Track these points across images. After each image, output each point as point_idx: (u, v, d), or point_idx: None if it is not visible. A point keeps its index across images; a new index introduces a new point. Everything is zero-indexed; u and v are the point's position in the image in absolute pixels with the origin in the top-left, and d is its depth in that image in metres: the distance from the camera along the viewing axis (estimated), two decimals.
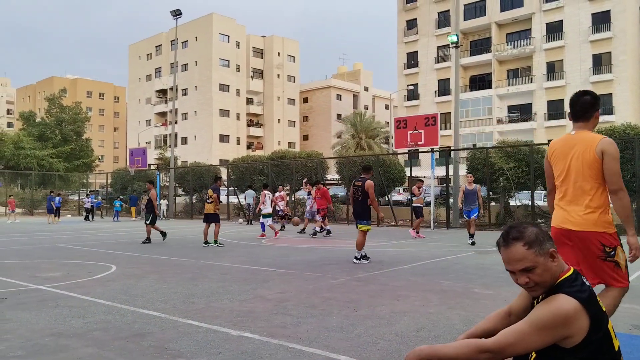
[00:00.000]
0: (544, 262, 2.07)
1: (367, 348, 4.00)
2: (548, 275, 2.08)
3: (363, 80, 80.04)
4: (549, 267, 2.08)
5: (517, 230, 2.13)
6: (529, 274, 2.09)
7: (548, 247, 2.09)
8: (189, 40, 67.09)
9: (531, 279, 2.09)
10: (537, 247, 2.07)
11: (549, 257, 2.08)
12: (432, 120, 18.93)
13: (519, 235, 2.10)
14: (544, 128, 44.46)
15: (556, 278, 2.09)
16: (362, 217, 9.25)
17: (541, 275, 2.08)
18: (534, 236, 2.09)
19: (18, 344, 4.14)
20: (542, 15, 45.09)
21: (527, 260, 2.07)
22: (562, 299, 1.98)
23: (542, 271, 2.07)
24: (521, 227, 2.14)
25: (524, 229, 2.12)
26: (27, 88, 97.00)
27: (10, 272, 8.17)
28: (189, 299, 5.94)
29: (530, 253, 2.07)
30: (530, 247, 2.07)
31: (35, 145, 48.70)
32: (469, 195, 12.63)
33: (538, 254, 2.07)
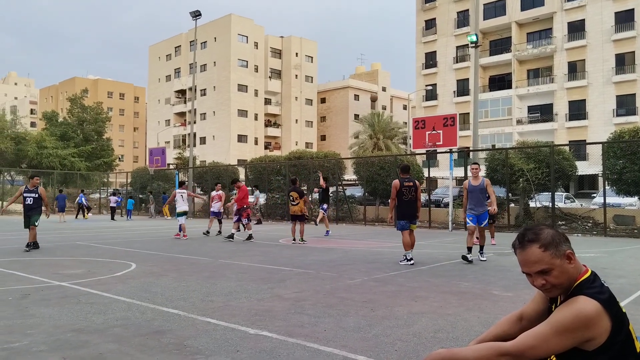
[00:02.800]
0: (561, 264, 2.05)
1: (384, 348, 4.00)
2: (565, 277, 2.06)
3: (381, 81, 79.80)
4: (565, 269, 2.05)
5: (533, 232, 2.11)
6: (545, 276, 2.07)
7: (565, 249, 2.06)
8: (207, 40, 67.64)
9: (548, 281, 2.07)
10: (553, 249, 2.05)
11: (565, 259, 2.06)
12: (450, 121, 18.79)
13: (535, 237, 2.08)
14: (565, 129, 43.83)
15: (574, 280, 2.07)
16: (415, 216, 9.53)
17: (558, 278, 2.06)
18: (550, 238, 2.07)
19: (41, 338, 4.22)
20: (563, 14, 44.44)
21: (543, 262, 2.05)
22: (583, 301, 1.95)
23: (559, 273, 2.05)
24: (537, 229, 2.12)
25: (540, 231, 2.10)
26: (50, 88, 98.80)
27: (33, 268, 8.33)
28: (208, 297, 5.99)
29: (546, 255, 2.05)
30: (547, 249, 2.05)
31: (57, 144, 49.49)
32: (474, 193, 9.62)
33: (554, 256, 2.05)
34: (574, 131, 43.22)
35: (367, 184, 23.26)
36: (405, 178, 9.47)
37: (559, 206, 19.05)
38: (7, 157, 48.29)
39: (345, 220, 23.14)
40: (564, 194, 24.29)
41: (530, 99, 46.88)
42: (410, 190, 9.34)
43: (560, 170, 18.54)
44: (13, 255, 10.21)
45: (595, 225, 17.39)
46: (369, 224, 21.77)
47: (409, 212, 9.35)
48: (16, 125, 54.34)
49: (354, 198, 25.75)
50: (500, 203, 19.61)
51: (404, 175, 9.57)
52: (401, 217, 9.34)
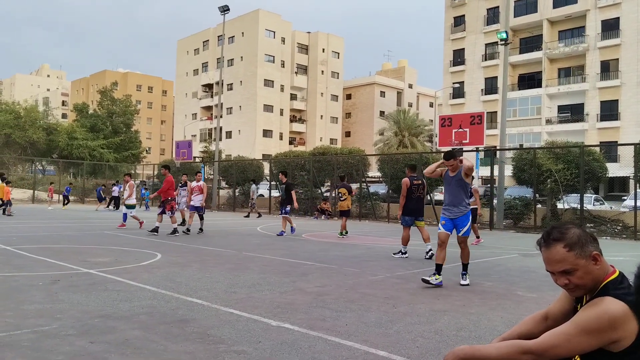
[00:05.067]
0: (585, 264, 2.01)
1: (405, 345, 3.99)
2: (589, 278, 2.02)
3: (407, 78, 79.17)
4: (590, 270, 2.01)
5: (558, 230, 2.07)
6: (568, 276, 2.04)
7: (591, 250, 2.02)
8: (235, 35, 68.11)
9: (571, 281, 2.04)
10: (578, 249, 2.01)
11: (591, 260, 2.02)
12: (478, 119, 18.54)
13: (561, 236, 2.05)
14: (596, 129, 42.83)
15: (600, 281, 2.03)
16: (422, 213, 10.04)
17: (581, 278, 2.02)
18: (575, 238, 2.03)
19: (70, 323, 4.34)
20: (597, 12, 43.35)
21: (567, 262, 2.02)
22: (609, 302, 1.91)
23: (583, 274, 2.02)
24: (563, 227, 2.08)
25: (566, 230, 2.06)
26: (81, 81, 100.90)
27: (62, 256, 8.55)
28: (231, 289, 6.07)
29: (570, 255, 2.01)
30: (571, 249, 2.02)
31: (87, 136, 50.64)
32: (450, 186, 6.99)
33: (579, 257, 2.01)
34: (606, 132, 42.18)
35: (391, 181, 23.14)
36: (414, 176, 9.83)
37: (587, 208, 18.63)
38: (39, 147, 49.63)
39: (368, 217, 23.09)
40: (593, 196, 23.75)
41: (560, 98, 45.91)
42: (418, 188, 9.75)
43: (590, 171, 18.12)
44: (43, 243, 10.50)
45: (625, 228, 16.97)
46: (392, 221, 21.67)
47: (416, 209, 9.75)
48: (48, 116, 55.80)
49: (377, 195, 25.65)
50: (527, 203, 19.33)
51: (412, 173, 9.92)
52: (408, 214, 9.69)
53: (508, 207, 19.44)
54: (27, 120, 49.07)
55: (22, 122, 48.66)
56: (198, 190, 14.16)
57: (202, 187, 14.22)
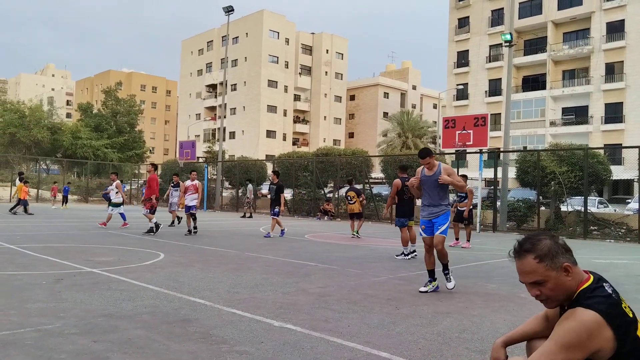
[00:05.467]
0: (556, 276, 2.01)
1: (408, 346, 3.99)
2: (561, 290, 2.02)
3: (411, 79, 79.11)
4: (561, 281, 2.01)
5: (530, 241, 2.07)
6: (540, 287, 2.04)
7: (562, 262, 2.01)
8: (239, 36, 68.20)
9: (542, 293, 2.05)
10: (548, 261, 2.01)
11: (562, 271, 2.01)
12: (481, 121, 18.50)
13: (531, 247, 2.05)
14: (600, 132, 42.68)
15: (573, 291, 2.02)
16: (413, 214, 10.12)
17: (552, 290, 2.02)
18: (546, 249, 2.02)
19: (73, 322, 4.36)
20: (602, 14, 43.22)
21: (537, 273, 2.02)
22: (580, 313, 1.91)
23: (554, 285, 2.01)
24: (535, 238, 2.08)
25: (537, 242, 2.05)
26: (86, 80, 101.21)
27: (66, 255, 8.58)
28: (233, 289, 6.08)
29: (540, 267, 2.01)
30: (541, 261, 2.01)
31: (91, 135, 50.76)
32: (428, 185, 6.38)
33: (549, 268, 2.01)
34: (610, 134, 42.04)
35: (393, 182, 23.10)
36: (405, 177, 9.98)
37: (591, 211, 18.57)
38: (43, 146, 49.80)
39: (371, 219, 23.08)
40: (597, 199, 23.67)
41: (564, 100, 45.80)
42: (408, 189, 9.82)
43: (594, 174, 18.05)
44: (47, 242, 10.53)
45: (629, 231, 16.90)
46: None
47: (408, 210, 9.97)
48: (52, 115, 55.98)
49: (380, 196, 25.62)
50: (530, 206, 19.28)
51: (403, 174, 10.15)
52: (401, 215, 9.95)
53: (511, 209, 19.40)
54: (31, 120, 49.25)
55: (27, 122, 48.84)
56: (193, 189, 13.62)
57: (196, 186, 13.69)
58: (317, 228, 17.61)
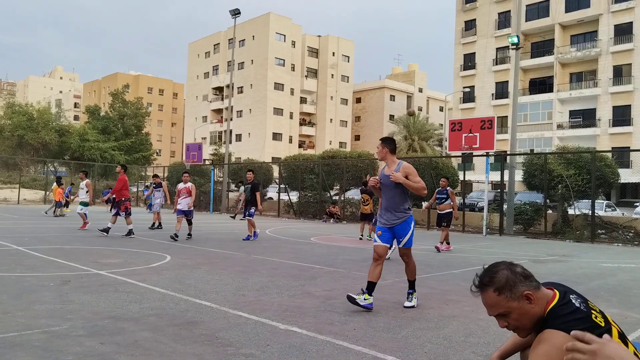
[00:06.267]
0: (519, 306, 2.00)
1: (414, 350, 3.98)
2: (526, 318, 2.01)
3: (417, 82, 79.02)
4: (525, 310, 2.00)
5: (488, 275, 2.07)
6: (506, 319, 2.04)
7: (522, 290, 2.00)
8: (246, 39, 68.41)
9: (510, 323, 2.05)
10: (507, 292, 2.00)
11: (524, 300, 2.00)
12: (488, 124, 18.45)
13: (490, 280, 2.05)
14: (608, 135, 42.43)
15: (540, 315, 2.01)
16: None
17: (518, 320, 2.02)
18: (504, 281, 2.02)
19: (80, 324, 4.38)
20: (610, 16, 43.01)
21: (499, 306, 2.02)
22: (548, 336, 1.91)
23: (518, 315, 2.01)
24: (492, 271, 2.07)
25: (495, 274, 2.05)
26: (93, 83, 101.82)
27: (73, 256, 8.62)
28: (239, 292, 6.09)
29: (501, 299, 2.01)
30: (501, 293, 2.01)
31: (99, 137, 51.02)
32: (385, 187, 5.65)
33: (510, 299, 2.00)
34: (618, 137, 41.78)
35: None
36: None
37: (599, 214, 18.45)
38: (51, 148, 50.13)
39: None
40: (605, 202, 23.52)
41: (572, 103, 45.58)
42: None
43: (602, 177, 17.95)
44: (54, 243, 10.59)
45: (637, 235, 16.78)
46: None
47: None
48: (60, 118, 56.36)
49: None
50: (537, 209, 19.18)
51: None
52: None
53: (518, 212, 19.31)
54: (39, 122, 49.60)
55: (35, 124, 49.18)
56: (186, 192, 12.82)
57: (190, 189, 12.87)
58: (323, 231, 17.61)
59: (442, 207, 12.06)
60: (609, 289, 7.24)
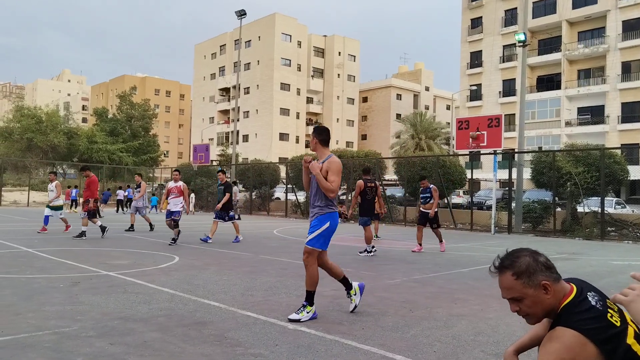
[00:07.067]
0: (534, 294, 2.00)
1: (422, 349, 3.97)
2: (539, 307, 2.02)
3: (424, 80, 78.81)
4: (540, 299, 2.01)
5: (510, 258, 2.08)
6: (518, 304, 2.05)
7: (540, 279, 2.01)
8: (252, 39, 68.54)
9: (521, 309, 2.06)
10: (525, 279, 2.01)
11: (540, 289, 2.00)
12: (495, 122, 18.36)
13: (510, 264, 2.06)
14: (617, 131, 42.09)
15: (554, 307, 2.01)
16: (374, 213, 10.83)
17: (530, 307, 2.03)
18: (524, 267, 2.03)
19: (90, 325, 4.41)
20: (618, 12, 42.66)
21: (514, 290, 2.03)
22: (560, 334, 1.90)
23: (532, 303, 2.02)
24: (515, 255, 2.08)
25: (517, 258, 2.06)
26: (101, 85, 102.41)
27: (83, 258, 8.68)
28: (248, 292, 6.10)
29: (517, 284, 2.02)
30: (519, 278, 2.02)
31: (106, 139, 51.32)
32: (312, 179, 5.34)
33: (526, 286, 2.01)
34: (627, 134, 41.44)
35: (408, 184, 23.03)
36: (368, 179, 10.62)
37: (608, 212, 18.32)
38: (60, 151, 50.51)
39: (385, 221, 23.01)
40: (615, 199, 23.35)
41: (580, 100, 45.26)
42: (372, 190, 10.64)
43: (611, 174, 17.82)
44: (63, 245, 10.66)
45: None
46: (409, 224, 21.57)
47: (370, 209, 10.66)
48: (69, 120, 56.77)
49: (394, 198, 25.55)
50: (546, 207, 19.06)
51: (366, 176, 10.72)
52: (364, 214, 10.52)
53: (527, 210, 19.21)
54: (48, 125, 49.99)
55: (44, 127, 49.57)
56: (176, 191, 11.81)
57: (181, 188, 11.88)
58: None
59: (428, 206, 11.62)
60: (619, 287, 7.17)
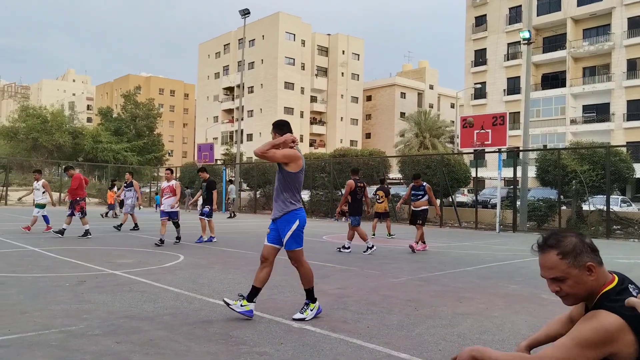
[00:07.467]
0: (578, 274, 1.99)
1: (428, 347, 3.97)
2: (581, 288, 2.00)
3: (428, 79, 78.63)
4: (583, 280, 1.99)
5: (555, 237, 2.06)
6: (560, 284, 2.03)
7: (586, 260, 1.99)
8: (256, 39, 68.57)
9: (562, 289, 2.03)
10: (571, 259, 1.99)
11: (585, 270, 1.99)
12: (500, 120, 18.31)
13: (556, 243, 2.04)
14: (622, 129, 41.89)
15: (595, 291, 2.00)
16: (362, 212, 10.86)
17: (572, 287, 2.01)
18: (570, 247, 2.01)
19: (96, 323, 4.43)
20: (623, 9, 42.42)
21: (558, 269, 2.01)
22: (602, 316, 1.89)
23: (574, 283, 2.00)
24: (561, 235, 2.07)
25: (563, 238, 2.04)
26: (105, 85, 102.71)
27: (88, 257, 8.71)
28: None
29: (562, 263, 2.00)
30: (564, 258, 2.00)
31: (111, 139, 51.53)
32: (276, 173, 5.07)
33: (571, 266, 1.99)
34: (633, 132, 41.23)
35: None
36: (357, 179, 10.78)
37: (614, 210, 18.24)
38: (65, 150, 50.73)
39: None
40: (620, 198, 23.24)
41: (585, 97, 45.05)
42: (361, 190, 10.75)
43: (617, 172, 17.74)
44: (69, 244, 10.71)
45: None
46: None
47: (361, 209, 10.76)
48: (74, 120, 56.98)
49: (398, 197, 25.47)
50: (551, 205, 19.00)
51: (355, 176, 10.87)
52: (356, 214, 10.63)
53: (532, 209, 19.15)
54: (53, 125, 50.22)
55: (49, 127, 49.80)
56: (169, 191, 11.51)
57: (174, 188, 11.58)
58: (334, 229, 17.62)
59: (418, 204, 11.26)
60: None
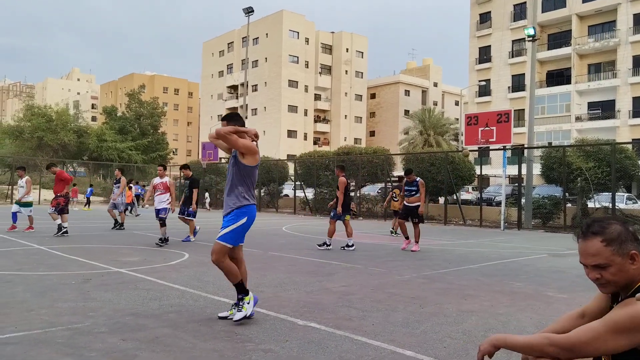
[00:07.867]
0: (621, 262, 1.96)
1: (433, 345, 3.96)
2: (622, 276, 1.97)
3: (432, 76, 78.48)
4: (626, 268, 1.96)
5: (599, 224, 2.02)
6: (601, 271, 1.99)
7: (630, 249, 1.97)
8: (259, 37, 68.57)
9: (603, 277, 1.99)
10: (616, 246, 1.96)
11: (628, 258, 1.96)
12: (505, 117, 18.25)
13: (600, 230, 2.00)
14: (628, 126, 41.67)
15: (635, 281, 1.97)
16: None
17: (615, 275, 1.97)
18: (615, 234, 1.97)
19: (102, 321, 4.45)
20: (629, 5, 42.17)
21: (601, 257, 1.97)
22: None
23: (617, 271, 1.96)
24: (605, 222, 2.02)
25: (608, 225, 2.00)
26: (110, 84, 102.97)
27: (94, 255, 8.75)
28: (258, 288, 6.11)
29: (606, 250, 1.96)
30: (609, 245, 1.96)
31: (116, 138, 51.65)
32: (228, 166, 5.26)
33: (615, 253, 1.96)
34: (638, 129, 41.01)
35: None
36: (344, 175, 10.98)
37: (619, 207, 18.17)
38: (70, 149, 50.92)
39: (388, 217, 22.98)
40: (626, 195, 23.15)
41: (590, 94, 44.84)
42: (349, 187, 11.11)
43: (622, 169, 17.67)
44: (74, 242, 10.76)
45: None
46: None
47: (349, 205, 10.92)
48: (78, 119, 57.17)
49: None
50: (556, 203, 18.94)
51: (344, 173, 11.06)
52: (347, 210, 10.85)
53: (537, 206, 19.10)
54: (58, 124, 50.39)
55: (54, 125, 49.97)
56: (162, 187, 11.04)
57: (167, 184, 11.10)
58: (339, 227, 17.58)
59: (412, 199, 11.02)
60: None
